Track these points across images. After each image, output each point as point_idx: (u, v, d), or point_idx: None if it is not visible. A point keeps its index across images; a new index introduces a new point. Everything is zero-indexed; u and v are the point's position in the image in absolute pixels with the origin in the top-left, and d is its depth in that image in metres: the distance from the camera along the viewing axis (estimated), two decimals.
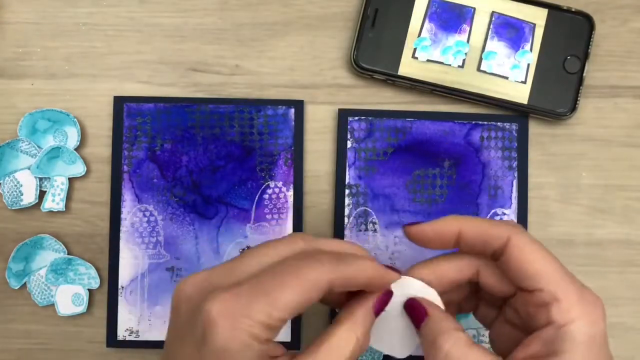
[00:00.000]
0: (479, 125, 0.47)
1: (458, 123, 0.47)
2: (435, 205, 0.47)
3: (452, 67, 0.47)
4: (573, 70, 0.46)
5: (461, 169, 0.47)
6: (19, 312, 0.48)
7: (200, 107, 0.48)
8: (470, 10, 0.47)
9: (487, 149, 0.47)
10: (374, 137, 0.47)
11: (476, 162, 0.47)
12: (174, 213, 0.47)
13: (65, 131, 0.47)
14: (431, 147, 0.47)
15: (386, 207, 0.47)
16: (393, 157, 0.47)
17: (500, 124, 0.47)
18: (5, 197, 0.47)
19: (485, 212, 0.47)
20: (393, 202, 0.47)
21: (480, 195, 0.47)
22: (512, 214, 0.47)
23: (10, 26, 0.49)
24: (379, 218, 0.47)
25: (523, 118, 0.47)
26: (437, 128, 0.47)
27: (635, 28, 0.48)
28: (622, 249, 0.47)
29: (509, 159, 0.47)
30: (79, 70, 0.48)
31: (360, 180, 0.47)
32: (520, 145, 0.47)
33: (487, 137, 0.47)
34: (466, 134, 0.47)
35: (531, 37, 0.47)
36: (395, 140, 0.47)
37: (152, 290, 0.47)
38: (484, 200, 0.47)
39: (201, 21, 0.48)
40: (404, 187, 0.47)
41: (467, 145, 0.47)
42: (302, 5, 0.48)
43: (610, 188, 0.47)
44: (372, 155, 0.47)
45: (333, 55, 0.48)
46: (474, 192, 0.47)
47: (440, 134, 0.47)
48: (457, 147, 0.47)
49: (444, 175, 0.47)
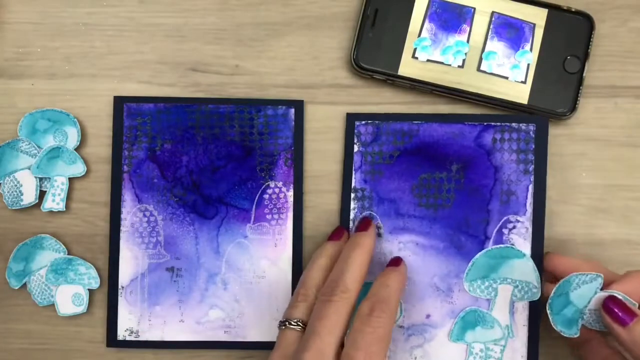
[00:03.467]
0: (491, 126, 0.46)
1: (468, 125, 0.46)
2: (441, 211, 0.46)
3: (452, 67, 0.46)
4: (573, 70, 0.46)
5: (471, 173, 0.46)
6: (19, 312, 0.48)
7: (200, 107, 0.48)
8: (470, 10, 0.47)
9: (500, 152, 0.46)
10: (380, 141, 0.47)
11: (487, 166, 0.46)
12: (174, 213, 0.47)
13: (65, 131, 0.47)
14: (438, 150, 0.46)
15: (391, 211, 0.46)
16: (399, 160, 0.46)
17: (516, 125, 0.45)
18: (5, 197, 0.47)
19: (497, 219, 0.45)
20: (398, 207, 0.46)
21: (491, 201, 0.45)
22: (527, 221, 0.45)
23: (10, 26, 0.49)
24: (383, 222, 0.46)
25: (542, 119, 0.45)
26: (446, 130, 0.46)
27: (635, 28, 0.48)
28: (622, 249, 0.47)
29: (524, 162, 0.45)
30: (79, 70, 0.48)
31: (366, 184, 0.47)
32: (538, 147, 0.45)
33: (501, 139, 0.46)
34: (477, 136, 0.46)
35: (531, 37, 0.47)
36: (402, 143, 0.46)
37: (152, 290, 0.47)
38: (495, 206, 0.45)
39: (201, 21, 0.48)
40: (410, 191, 0.46)
41: (477, 147, 0.46)
42: (302, 5, 0.48)
43: (610, 188, 0.47)
44: (379, 159, 0.46)
45: (333, 55, 0.48)
46: (485, 197, 0.46)
47: (449, 136, 0.46)
48: (466, 150, 0.46)
49: (452, 179, 0.46)
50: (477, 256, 0.45)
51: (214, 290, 0.47)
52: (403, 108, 0.48)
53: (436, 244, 0.46)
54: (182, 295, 0.47)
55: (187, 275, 0.47)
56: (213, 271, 0.47)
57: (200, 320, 0.47)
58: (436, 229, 0.46)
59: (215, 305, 0.47)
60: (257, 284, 0.47)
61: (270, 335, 0.47)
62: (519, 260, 0.45)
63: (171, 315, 0.47)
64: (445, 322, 0.46)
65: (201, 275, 0.47)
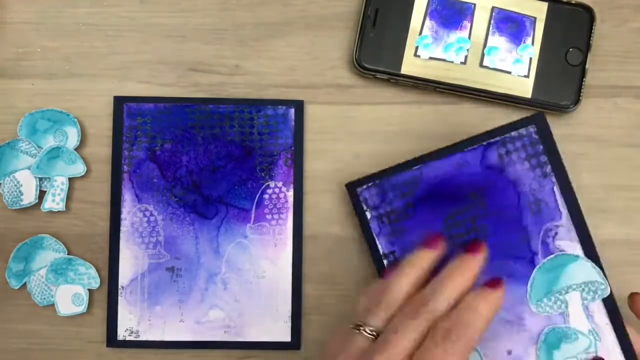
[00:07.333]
0: (492, 143, 0.43)
1: (468, 151, 0.43)
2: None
3: (455, 64, 0.46)
4: (575, 63, 0.46)
5: (490, 197, 0.43)
6: (19, 312, 0.48)
7: (200, 107, 0.48)
8: (470, 7, 0.47)
9: (511, 165, 0.43)
10: (388, 199, 0.44)
11: (505, 183, 0.43)
12: (174, 213, 0.47)
13: (65, 131, 0.47)
14: (450, 186, 0.43)
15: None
16: (415, 211, 0.44)
17: (516, 132, 0.42)
18: (5, 197, 0.47)
19: (536, 232, 0.42)
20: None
21: (523, 217, 0.42)
22: (567, 222, 0.42)
23: (10, 26, 0.49)
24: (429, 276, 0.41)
25: (538, 115, 0.42)
26: (448, 164, 0.43)
27: (635, 28, 0.48)
28: (622, 249, 0.47)
29: (539, 165, 0.43)
30: (79, 70, 0.48)
31: (393, 247, 0.44)
32: (546, 145, 0.42)
33: (506, 153, 0.43)
34: (482, 159, 0.43)
35: (532, 31, 0.47)
36: (411, 194, 0.44)
37: (152, 290, 0.47)
38: (529, 220, 0.42)
39: (201, 21, 0.48)
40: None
41: (486, 169, 0.43)
42: (303, 5, 0.48)
43: (610, 188, 0.47)
44: (395, 218, 0.44)
45: (333, 55, 0.48)
46: (514, 215, 0.42)
47: (453, 169, 0.43)
48: (477, 177, 0.43)
49: (475, 210, 0.43)
50: (532, 275, 0.43)
51: (214, 290, 0.47)
52: (403, 108, 0.48)
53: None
54: (182, 295, 0.47)
55: (187, 275, 0.47)
56: (213, 271, 0.47)
57: (200, 320, 0.47)
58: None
59: (215, 305, 0.47)
60: (257, 284, 0.47)
61: (270, 335, 0.47)
62: (575, 264, 0.42)
63: (171, 315, 0.47)
64: (529, 352, 0.42)
65: (201, 275, 0.47)
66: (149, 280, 0.47)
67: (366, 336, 0.37)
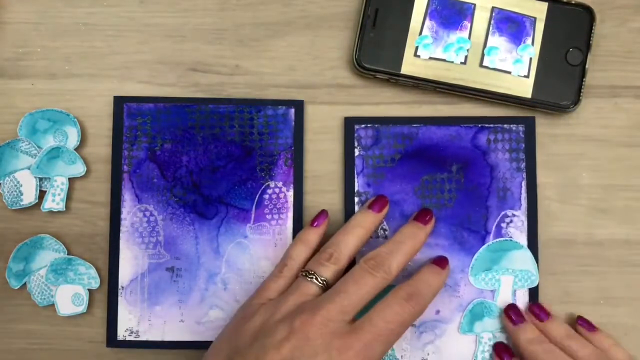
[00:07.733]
0: (485, 128, 0.47)
1: (464, 127, 0.47)
2: (444, 210, 0.47)
3: (455, 64, 0.47)
4: (575, 63, 0.46)
5: (469, 173, 0.47)
6: (19, 312, 0.48)
7: (200, 107, 0.48)
8: (470, 7, 0.47)
9: (494, 152, 0.47)
10: (381, 144, 0.47)
11: (484, 165, 0.47)
12: (174, 213, 0.47)
13: (65, 131, 0.47)
14: (438, 152, 0.47)
15: (396, 213, 0.47)
16: (400, 163, 0.47)
17: (507, 126, 0.47)
18: (5, 197, 0.47)
19: (495, 214, 0.47)
20: (402, 208, 0.47)
21: (489, 198, 0.47)
22: (522, 215, 0.47)
23: (10, 26, 0.49)
24: (389, 224, 0.47)
25: (529, 119, 0.47)
26: (444, 133, 0.47)
27: (635, 28, 0.48)
28: (622, 249, 0.47)
29: (517, 160, 0.47)
30: (79, 70, 0.48)
31: (369, 188, 0.47)
32: (527, 146, 0.47)
33: (494, 140, 0.47)
34: (473, 137, 0.47)
35: (532, 31, 0.47)
36: (402, 146, 0.47)
37: (152, 290, 0.47)
38: (494, 202, 0.47)
39: (201, 21, 0.48)
40: (413, 192, 0.47)
41: (474, 148, 0.47)
42: (303, 5, 0.48)
43: (610, 188, 0.47)
44: (380, 162, 0.47)
45: (333, 55, 0.48)
46: (483, 195, 0.47)
47: (447, 138, 0.47)
48: (464, 151, 0.47)
49: (452, 180, 0.47)
50: (479, 250, 0.47)
51: (214, 290, 0.47)
52: (403, 108, 0.48)
53: (441, 241, 0.47)
54: (182, 295, 0.47)
55: (187, 275, 0.47)
56: (213, 271, 0.47)
57: (200, 320, 0.47)
58: (440, 227, 0.47)
59: (215, 305, 0.47)
60: (257, 284, 0.47)
61: None
62: (517, 251, 0.47)
63: (171, 315, 0.47)
64: (454, 317, 0.47)
65: (201, 275, 0.47)
66: (149, 280, 0.47)
67: (316, 284, 0.41)
